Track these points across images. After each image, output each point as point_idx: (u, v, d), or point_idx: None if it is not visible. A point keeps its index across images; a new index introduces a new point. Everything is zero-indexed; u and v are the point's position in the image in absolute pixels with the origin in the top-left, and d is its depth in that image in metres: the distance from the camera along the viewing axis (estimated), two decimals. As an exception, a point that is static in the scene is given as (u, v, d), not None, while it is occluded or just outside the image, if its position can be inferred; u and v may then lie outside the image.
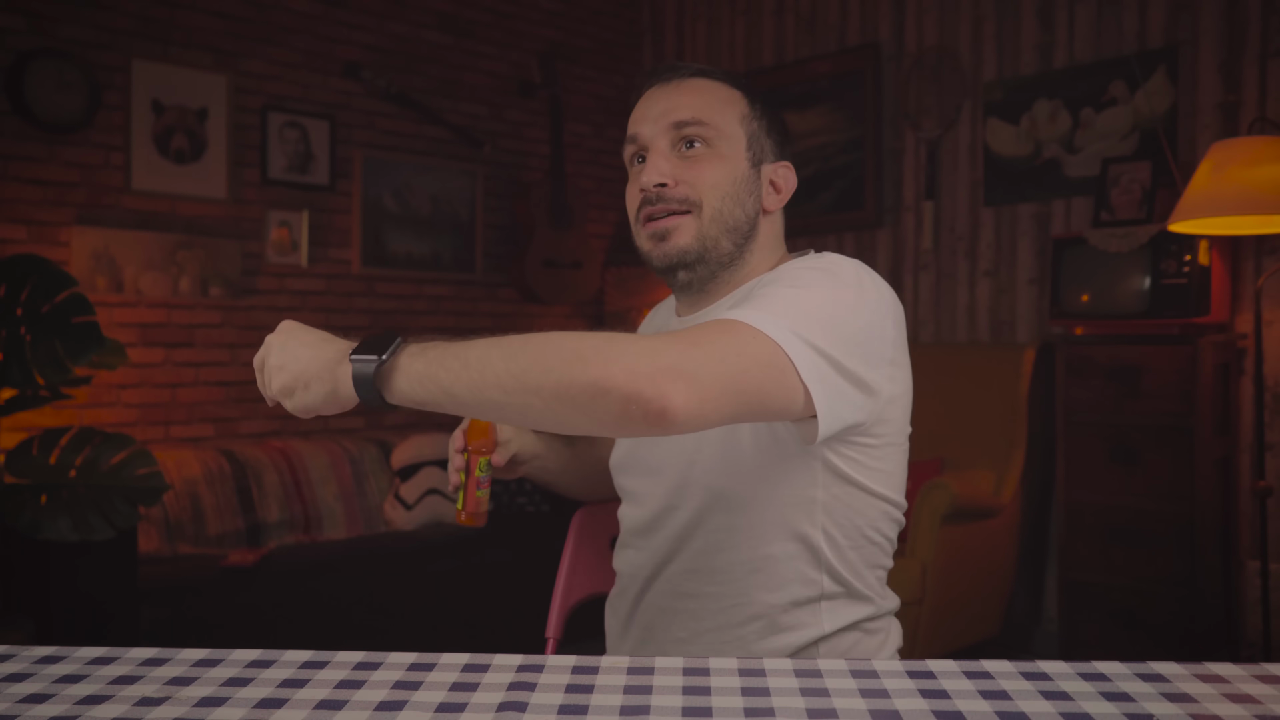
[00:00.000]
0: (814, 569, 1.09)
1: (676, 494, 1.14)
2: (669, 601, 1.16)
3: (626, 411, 0.85)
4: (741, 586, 1.10)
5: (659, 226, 1.16)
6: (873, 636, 1.13)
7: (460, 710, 0.75)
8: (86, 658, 0.87)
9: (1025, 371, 3.34)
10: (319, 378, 0.95)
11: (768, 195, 1.23)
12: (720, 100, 1.21)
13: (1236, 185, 2.60)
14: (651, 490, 1.18)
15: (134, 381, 3.55)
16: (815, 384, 0.94)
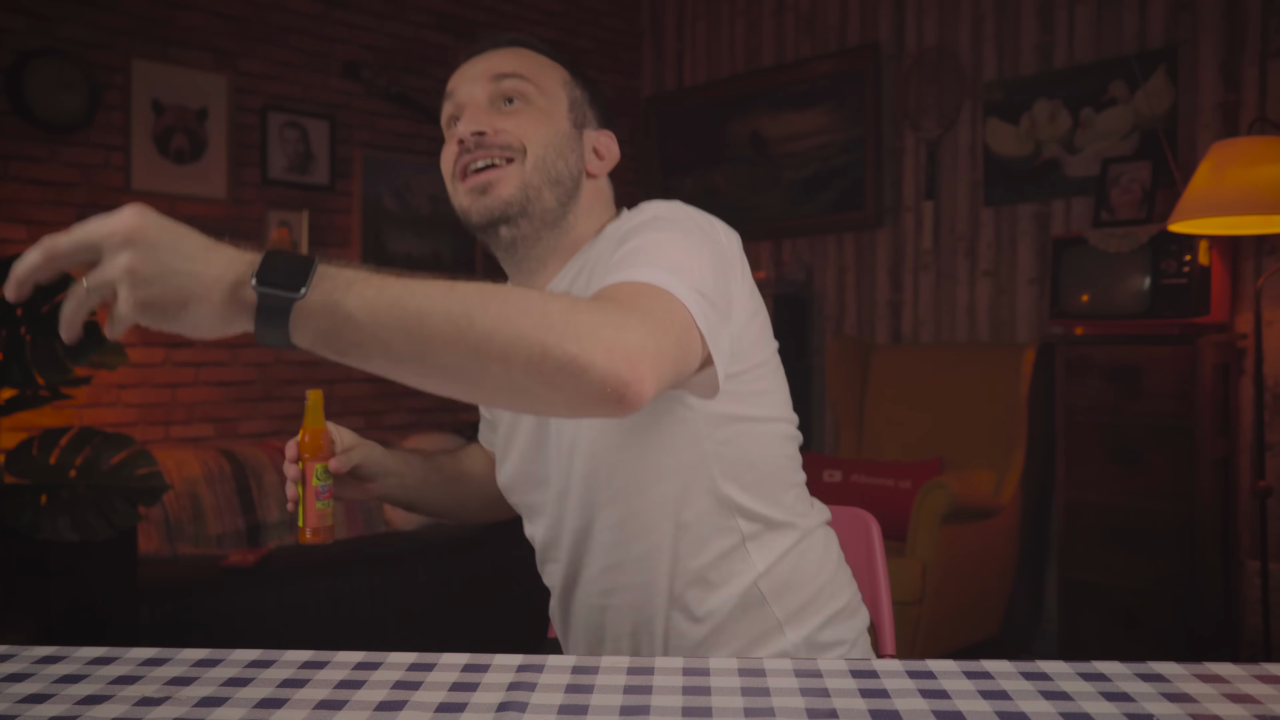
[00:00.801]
0: (727, 518, 1.07)
1: (568, 500, 1.11)
2: (600, 600, 1.13)
3: (601, 393, 0.78)
4: (662, 565, 1.07)
5: (479, 180, 1.09)
6: (808, 555, 1.11)
7: (460, 710, 0.75)
8: (86, 658, 0.87)
9: (1025, 371, 3.34)
10: (204, 299, 0.74)
11: (590, 160, 1.16)
12: (541, 64, 1.15)
13: (1236, 185, 2.61)
14: (545, 501, 1.15)
15: (134, 381, 3.55)
16: (711, 336, 0.91)
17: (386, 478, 1.24)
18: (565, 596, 1.17)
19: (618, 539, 1.08)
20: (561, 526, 1.13)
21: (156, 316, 0.76)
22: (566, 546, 1.13)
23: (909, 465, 3.44)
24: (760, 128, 4.45)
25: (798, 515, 1.12)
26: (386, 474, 1.24)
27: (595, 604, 1.13)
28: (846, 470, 3.54)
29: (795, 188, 4.33)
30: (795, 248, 4.36)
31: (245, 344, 3.85)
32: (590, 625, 1.15)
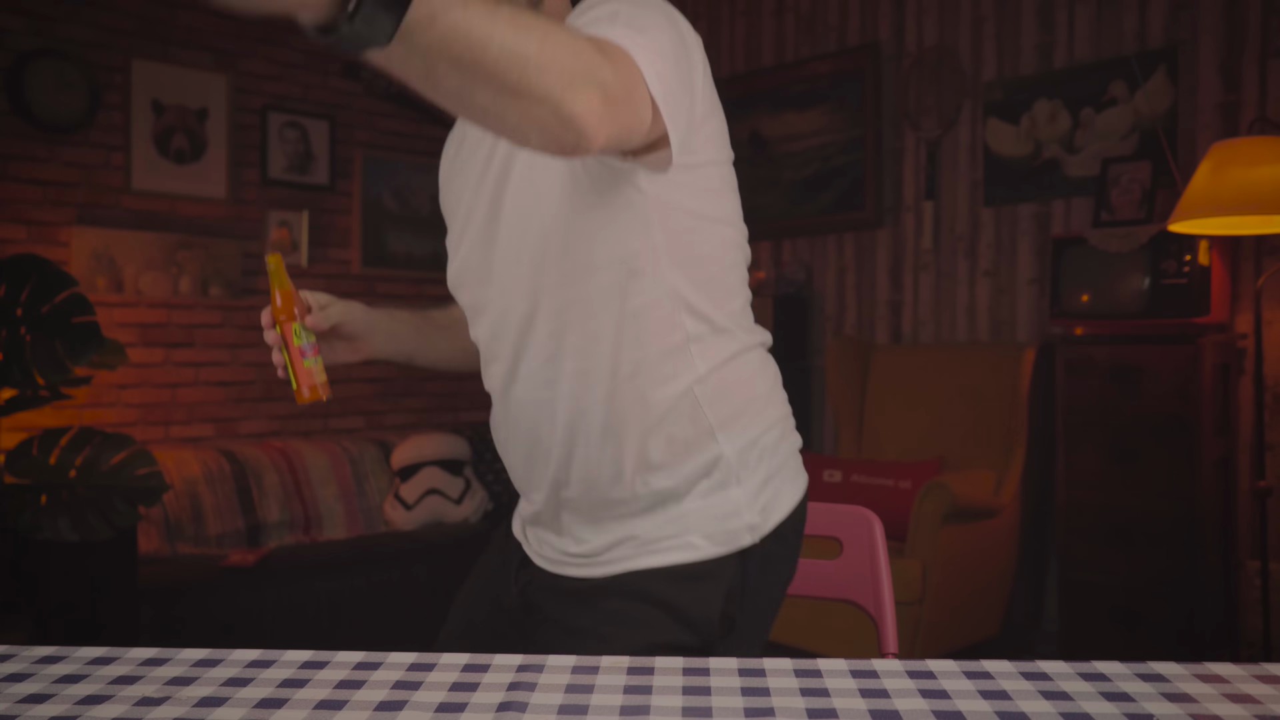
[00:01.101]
0: (673, 312, 1.07)
1: (514, 287, 1.10)
2: (539, 393, 1.11)
3: (559, 140, 0.81)
4: (604, 353, 1.07)
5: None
6: (745, 368, 1.13)
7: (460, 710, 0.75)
8: (86, 658, 0.87)
9: (1025, 371, 3.34)
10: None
11: None
12: None
13: (1236, 185, 2.61)
14: (491, 295, 1.14)
15: (134, 381, 3.55)
16: (667, 108, 0.92)
17: (375, 335, 1.23)
18: (505, 395, 1.15)
19: (561, 325, 1.08)
20: (507, 318, 1.12)
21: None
22: (510, 339, 1.12)
23: (909, 465, 3.44)
24: (760, 128, 4.45)
25: (741, 328, 1.13)
26: (374, 330, 1.23)
27: (535, 397, 1.12)
28: (846, 470, 3.54)
29: (795, 188, 4.33)
30: (795, 248, 4.36)
31: (245, 344, 3.85)
32: (529, 423, 1.13)
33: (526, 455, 1.14)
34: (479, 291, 1.16)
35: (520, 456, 1.15)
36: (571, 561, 1.13)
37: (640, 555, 1.08)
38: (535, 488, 1.15)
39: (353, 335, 1.22)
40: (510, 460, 1.18)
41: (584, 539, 1.12)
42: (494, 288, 1.13)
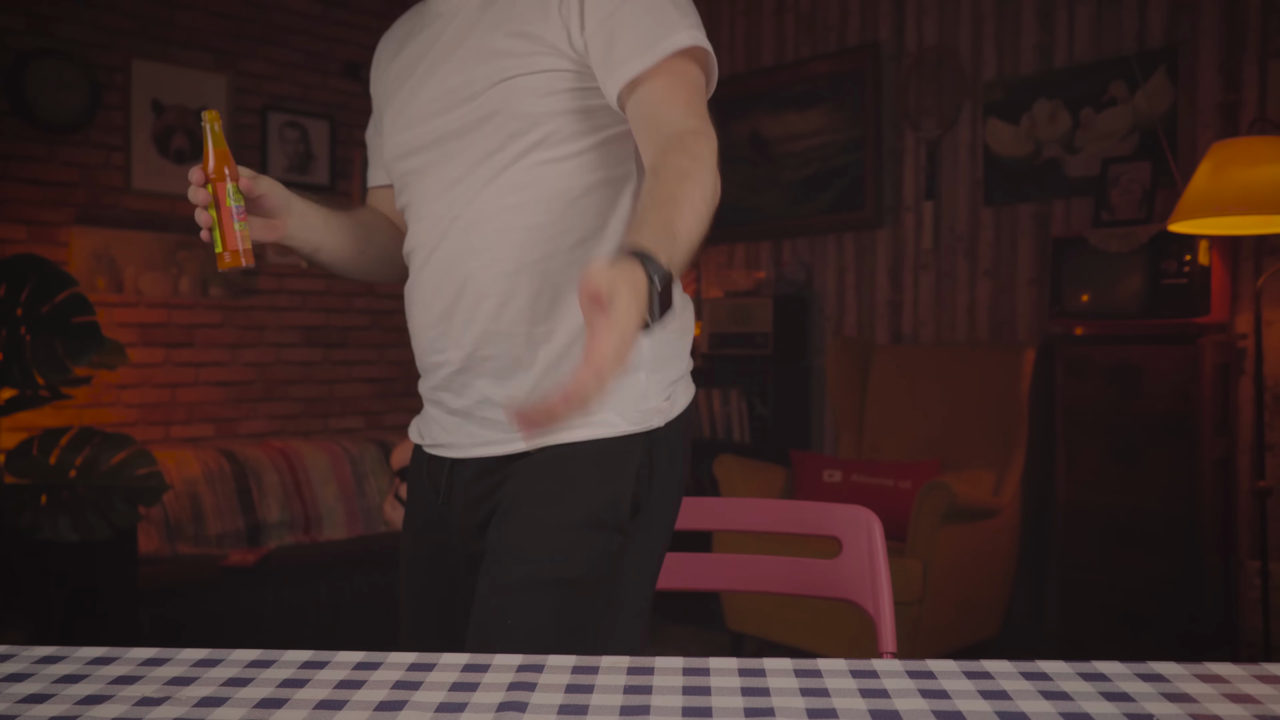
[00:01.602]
0: (629, 195, 1.17)
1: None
2: (480, 242, 1.15)
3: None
4: (557, 219, 1.14)
5: None
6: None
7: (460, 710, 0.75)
8: (86, 658, 0.87)
9: (1025, 371, 3.34)
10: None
11: None
12: None
13: (1236, 185, 2.61)
14: (431, 161, 1.20)
15: (134, 381, 3.55)
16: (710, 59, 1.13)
17: (291, 215, 1.22)
18: (439, 246, 1.18)
19: (525, 182, 1.15)
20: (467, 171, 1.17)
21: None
22: (464, 191, 1.16)
23: (909, 465, 3.44)
24: (760, 128, 4.45)
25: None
26: (291, 210, 1.22)
27: (474, 246, 1.15)
28: (846, 470, 3.54)
29: (795, 188, 4.33)
30: (795, 248, 4.36)
31: (245, 344, 3.85)
32: (462, 273, 1.16)
33: (448, 308, 1.17)
34: (421, 156, 1.21)
35: (440, 311, 1.17)
36: (491, 440, 1.18)
37: (558, 429, 1.12)
38: (454, 343, 1.17)
39: (273, 211, 1.20)
40: (427, 318, 1.20)
41: (496, 406, 1.16)
42: (435, 156, 1.19)
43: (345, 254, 1.30)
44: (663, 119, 1.04)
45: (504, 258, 1.13)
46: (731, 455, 3.68)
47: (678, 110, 1.05)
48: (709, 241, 1.22)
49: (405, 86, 1.24)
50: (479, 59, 1.14)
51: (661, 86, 1.06)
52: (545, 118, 1.12)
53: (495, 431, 1.18)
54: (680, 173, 0.97)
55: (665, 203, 0.95)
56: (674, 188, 0.96)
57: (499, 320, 1.14)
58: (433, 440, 1.26)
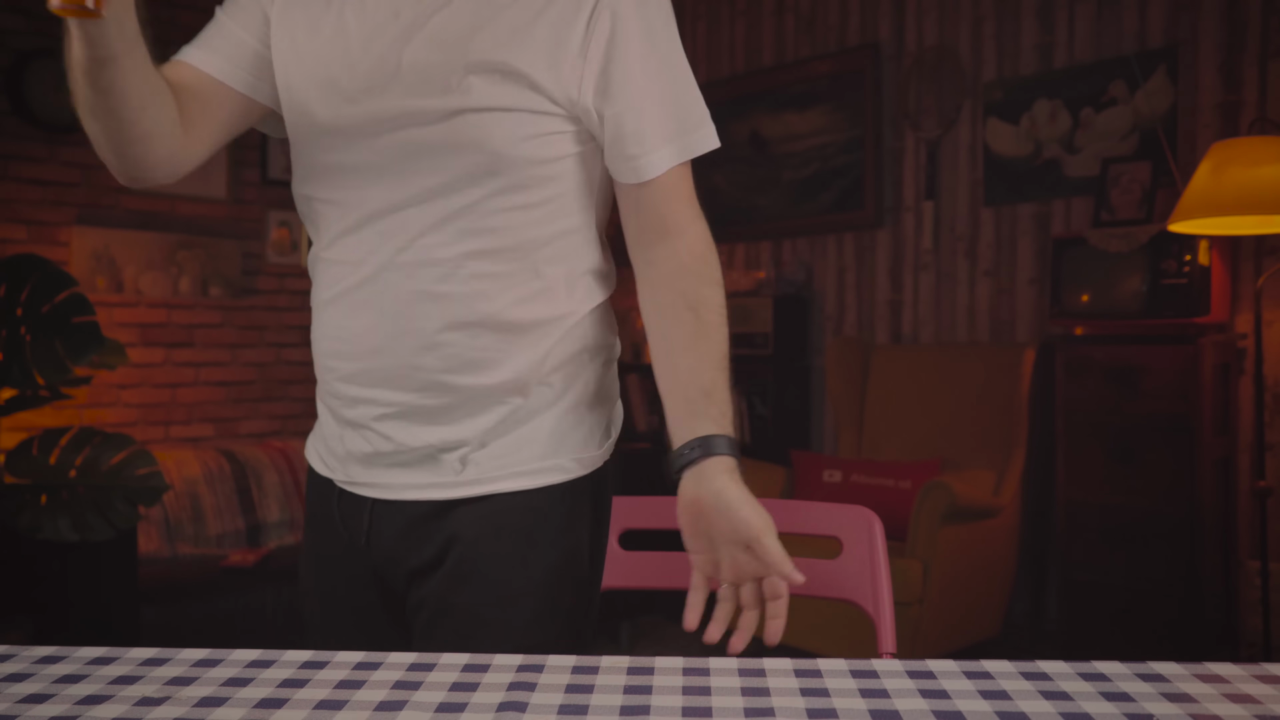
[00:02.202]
0: (592, 241, 1.12)
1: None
2: (433, 271, 1.03)
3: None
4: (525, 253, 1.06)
5: None
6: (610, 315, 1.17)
7: (460, 710, 0.75)
8: (86, 658, 0.87)
9: (1025, 371, 3.34)
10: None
11: None
12: None
13: (1236, 185, 2.61)
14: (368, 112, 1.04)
15: (134, 381, 3.55)
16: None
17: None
18: (382, 273, 1.04)
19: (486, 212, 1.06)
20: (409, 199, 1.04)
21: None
22: (413, 211, 1.04)
23: (909, 465, 3.44)
24: (760, 128, 4.45)
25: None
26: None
27: (429, 275, 1.04)
28: (846, 470, 3.54)
29: (795, 188, 4.33)
30: (795, 248, 4.36)
31: (245, 344, 3.85)
32: (411, 307, 1.04)
33: (384, 348, 1.04)
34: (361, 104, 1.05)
35: (373, 347, 1.05)
36: (430, 484, 1.07)
37: (511, 472, 1.07)
38: (390, 387, 1.05)
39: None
40: (353, 350, 1.06)
41: (438, 450, 1.06)
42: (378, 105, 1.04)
43: (131, 92, 1.01)
44: (668, 217, 1.05)
45: (460, 309, 1.03)
46: (731, 455, 3.68)
47: (682, 206, 1.06)
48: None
49: (347, 38, 1.04)
50: (453, 68, 0.99)
51: (673, 182, 1.05)
52: (522, 162, 1.02)
53: (434, 474, 1.08)
54: (721, 316, 1.03)
55: (722, 364, 1.01)
56: (723, 338, 1.02)
57: (447, 373, 1.04)
58: (348, 477, 1.12)
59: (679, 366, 1.02)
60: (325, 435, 1.16)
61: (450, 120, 1.00)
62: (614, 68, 1.02)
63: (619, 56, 1.03)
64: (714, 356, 1.01)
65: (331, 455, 1.15)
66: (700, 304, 1.02)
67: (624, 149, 1.04)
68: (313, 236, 1.14)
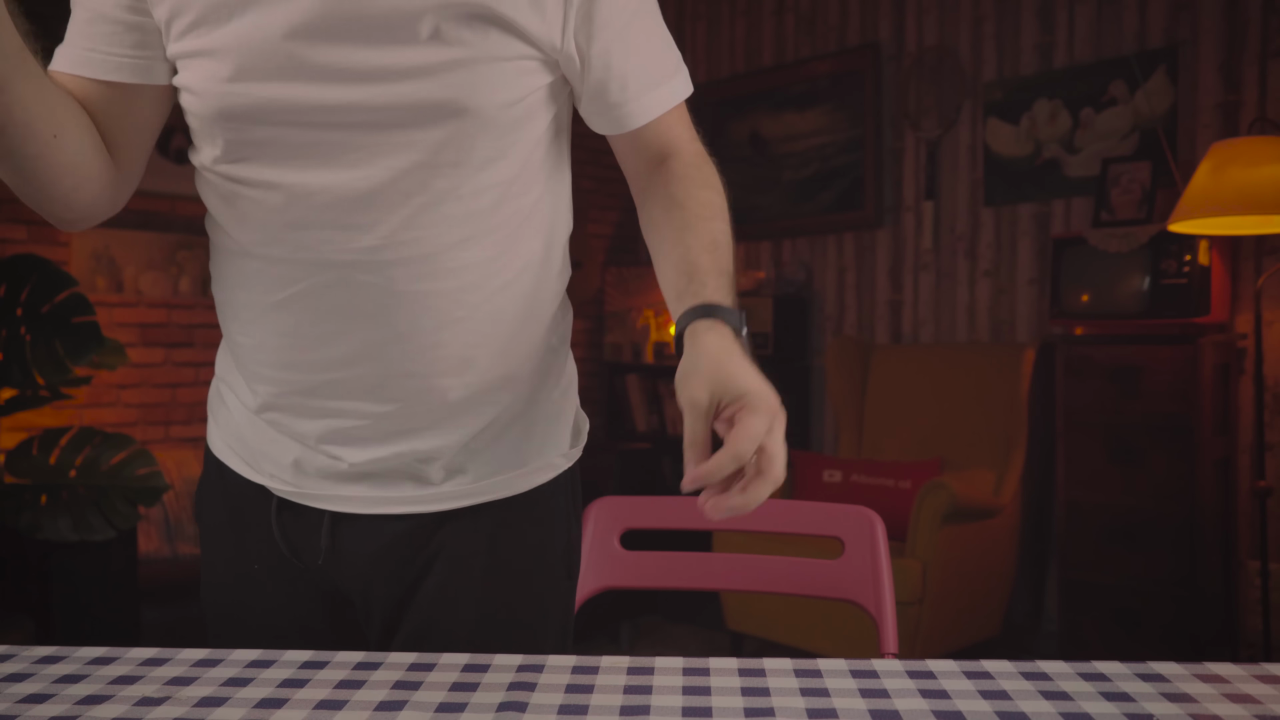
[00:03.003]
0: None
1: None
2: (429, 267, 0.91)
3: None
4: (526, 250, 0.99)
5: None
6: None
7: (460, 710, 0.75)
8: (86, 658, 0.87)
9: (1025, 371, 3.34)
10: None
11: None
12: None
13: (1236, 185, 2.61)
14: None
15: (134, 381, 3.55)
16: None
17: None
18: (367, 267, 0.90)
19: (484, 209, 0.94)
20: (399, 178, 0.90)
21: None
22: (405, 201, 0.90)
23: (909, 465, 3.44)
24: (760, 128, 4.45)
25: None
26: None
27: (422, 271, 0.92)
28: (846, 470, 3.55)
29: (795, 188, 4.33)
30: (795, 248, 4.36)
31: (245, 344, 3.85)
32: (401, 309, 0.92)
33: (360, 356, 0.93)
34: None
35: (345, 355, 0.93)
36: (410, 499, 0.99)
37: (509, 477, 1.01)
38: (366, 397, 0.95)
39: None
40: (318, 357, 0.94)
41: (421, 460, 0.98)
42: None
43: (34, 123, 0.83)
44: (675, 145, 1.00)
45: (449, 305, 0.93)
46: (731, 455, 3.68)
47: (687, 135, 1.02)
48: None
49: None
50: (424, 12, 0.84)
51: (676, 116, 1.01)
52: (505, 124, 0.90)
53: (415, 486, 0.98)
54: (712, 210, 0.95)
55: (711, 249, 0.91)
56: (714, 228, 0.93)
57: (439, 376, 0.95)
58: (297, 488, 1.00)
59: (666, 264, 0.93)
60: (250, 436, 1.01)
61: (423, 78, 0.85)
62: (599, 6, 0.91)
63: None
64: (701, 242, 0.91)
65: (265, 459, 1.01)
66: (688, 200, 0.95)
67: (623, 89, 0.95)
68: (232, 226, 0.94)
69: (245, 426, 1.02)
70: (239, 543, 1.03)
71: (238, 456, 1.03)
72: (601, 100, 0.96)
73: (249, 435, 1.02)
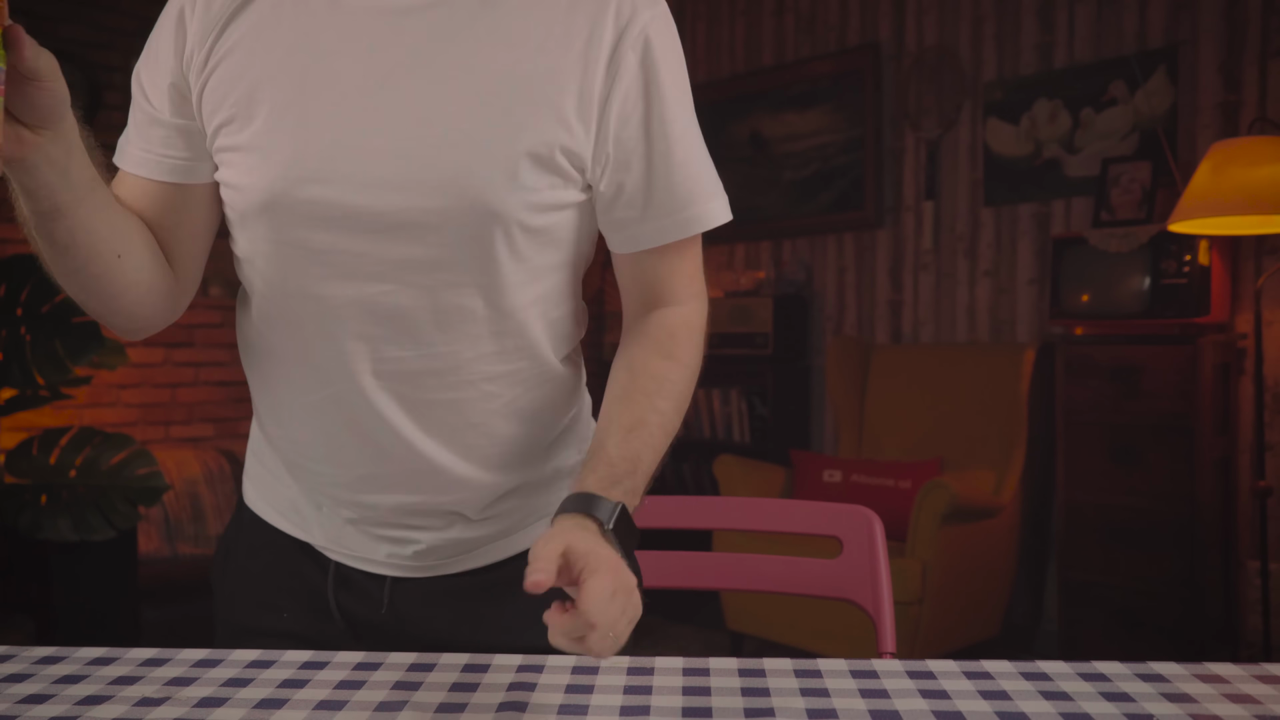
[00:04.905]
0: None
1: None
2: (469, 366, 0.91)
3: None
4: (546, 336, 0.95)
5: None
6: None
7: (460, 710, 0.75)
8: (86, 658, 0.87)
9: (1025, 371, 3.34)
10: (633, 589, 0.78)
11: None
12: None
13: (1236, 185, 2.61)
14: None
15: (134, 381, 3.55)
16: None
17: (59, 135, 0.78)
18: (342, 399, 0.91)
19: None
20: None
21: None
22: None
23: (909, 465, 3.44)
24: (760, 128, 4.45)
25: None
26: (63, 124, 0.78)
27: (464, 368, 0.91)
28: (846, 470, 3.54)
29: (795, 188, 4.33)
30: (795, 248, 4.36)
31: (245, 344, 3.85)
32: (454, 404, 0.93)
33: (396, 466, 0.94)
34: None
35: (374, 456, 0.94)
36: (471, 550, 0.98)
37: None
38: (404, 490, 0.96)
39: (38, 109, 0.76)
40: (346, 458, 0.95)
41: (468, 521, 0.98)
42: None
43: (99, 245, 0.84)
44: (665, 290, 0.95)
45: (479, 409, 0.93)
46: (731, 455, 3.68)
47: (682, 281, 0.95)
48: (709, 242, 1.14)
49: (340, 87, 0.85)
50: (467, 121, 0.83)
51: (675, 254, 0.94)
52: (542, 229, 0.89)
53: (473, 540, 0.98)
54: (660, 384, 0.91)
55: (631, 428, 0.87)
56: (651, 405, 0.89)
57: (484, 470, 0.95)
58: (350, 552, 0.99)
59: (597, 428, 0.90)
60: (292, 499, 1.01)
61: (458, 186, 0.84)
62: (647, 119, 0.89)
63: (644, 107, 0.89)
64: (624, 420, 0.88)
65: (314, 525, 1.00)
66: (641, 370, 0.91)
67: (625, 205, 0.91)
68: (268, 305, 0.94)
69: (286, 488, 1.01)
70: (285, 602, 1.02)
71: (280, 515, 1.02)
72: (620, 209, 0.92)
73: (293, 497, 1.01)
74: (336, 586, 0.99)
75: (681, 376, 0.93)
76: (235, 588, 1.06)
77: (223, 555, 1.08)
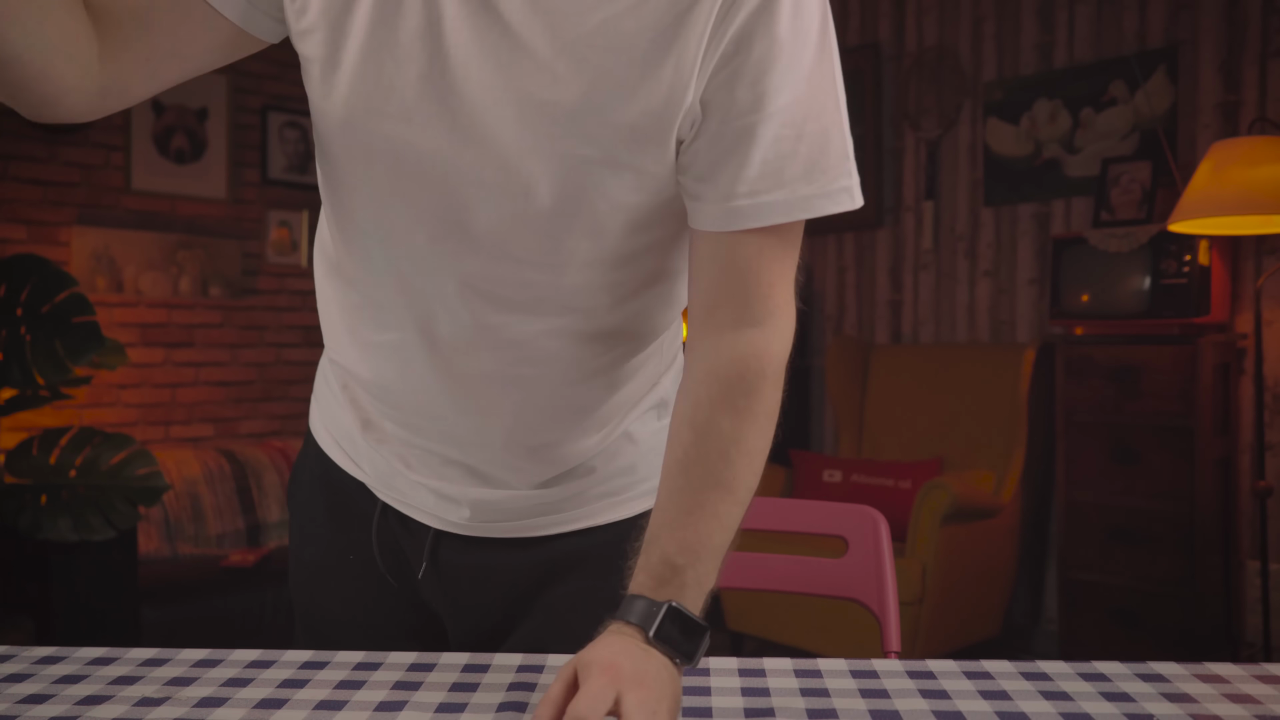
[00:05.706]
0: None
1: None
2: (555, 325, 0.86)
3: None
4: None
5: None
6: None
7: (460, 710, 0.75)
8: (86, 658, 0.87)
9: (1025, 371, 3.34)
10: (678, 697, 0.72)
11: None
12: None
13: (1236, 185, 2.61)
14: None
15: (134, 381, 3.55)
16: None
17: None
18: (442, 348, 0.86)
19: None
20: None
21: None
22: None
23: (909, 465, 3.44)
24: (760, 128, 4.44)
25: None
26: None
27: (550, 329, 0.86)
28: (846, 470, 3.54)
29: (795, 188, 4.33)
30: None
31: (245, 344, 3.85)
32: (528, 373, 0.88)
33: (486, 419, 0.90)
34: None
35: (464, 407, 0.89)
36: (531, 524, 0.95)
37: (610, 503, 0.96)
38: (488, 443, 0.92)
39: None
40: (433, 408, 0.90)
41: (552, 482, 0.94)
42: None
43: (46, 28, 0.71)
44: (749, 290, 0.79)
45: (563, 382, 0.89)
46: (731, 455, 3.68)
47: (771, 280, 0.80)
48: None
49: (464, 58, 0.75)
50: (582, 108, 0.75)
51: (773, 244, 0.79)
52: (648, 208, 0.81)
53: (520, 509, 0.94)
54: (724, 448, 0.78)
55: (693, 510, 0.77)
56: (710, 483, 0.78)
57: (561, 444, 0.93)
58: (399, 496, 0.97)
59: (658, 508, 0.80)
60: (351, 434, 0.98)
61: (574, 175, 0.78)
62: (752, 74, 0.75)
63: (754, 60, 0.75)
64: (737, 499, 0.79)
65: (365, 460, 0.97)
66: (726, 471, 0.79)
67: (734, 182, 0.77)
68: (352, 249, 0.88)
69: (346, 421, 0.98)
70: (335, 535, 1.01)
71: (338, 447, 1.00)
72: (717, 183, 0.78)
73: (351, 432, 0.98)
74: (381, 531, 0.98)
75: (758, 432, 0.79)
76: (304, 521, 1.05)
77: (295, 486, 1.07)
